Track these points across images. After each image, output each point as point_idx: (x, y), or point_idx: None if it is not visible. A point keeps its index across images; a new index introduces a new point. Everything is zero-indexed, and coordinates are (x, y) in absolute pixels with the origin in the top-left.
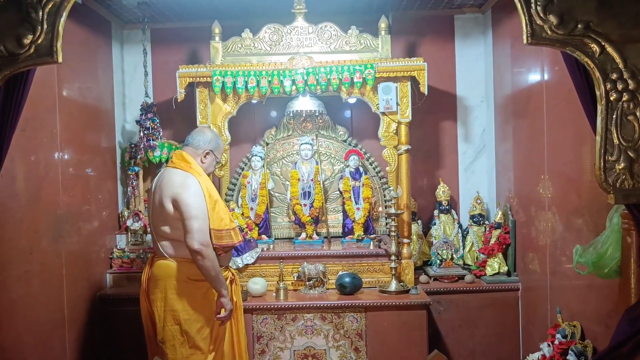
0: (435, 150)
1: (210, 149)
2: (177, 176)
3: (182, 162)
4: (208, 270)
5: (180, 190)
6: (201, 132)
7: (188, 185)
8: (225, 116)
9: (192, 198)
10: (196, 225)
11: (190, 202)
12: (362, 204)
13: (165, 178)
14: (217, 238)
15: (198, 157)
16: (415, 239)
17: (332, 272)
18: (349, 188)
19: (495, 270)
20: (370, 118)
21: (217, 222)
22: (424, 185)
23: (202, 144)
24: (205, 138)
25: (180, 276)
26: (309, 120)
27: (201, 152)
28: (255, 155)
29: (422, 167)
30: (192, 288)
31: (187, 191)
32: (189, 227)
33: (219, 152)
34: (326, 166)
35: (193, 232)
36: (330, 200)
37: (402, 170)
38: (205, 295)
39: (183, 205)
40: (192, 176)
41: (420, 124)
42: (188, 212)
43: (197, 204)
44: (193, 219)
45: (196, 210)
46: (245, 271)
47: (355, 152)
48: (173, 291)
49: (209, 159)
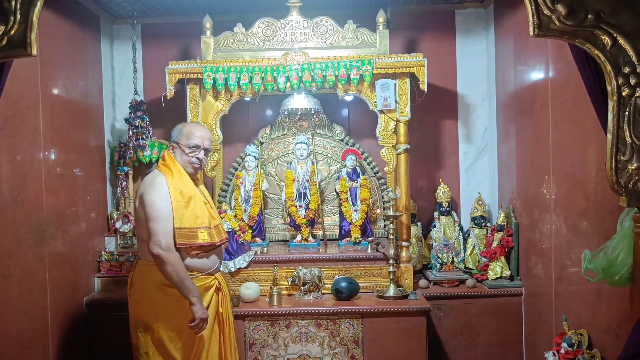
0: (436, 150)
1: (175, 141)
2: (149, 176)
3: (161, 161)
4: (170, 276)
5: (145, 190)
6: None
7: (153, 184)
8: (217, 114)
9: (154, 197)
10: (155, 227)
11: (152, 202)
12: (359, 206)
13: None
14: (189, 237)
15: (172, 154)
16: (415, 241)
17: (328, 277)
18: (346, 189)
19: (497, 275)
20: (368, 116)
21: (191, 220)
22: (423, 186)
23: (172, 138)
24: (173, 131)
25: (152, 281)
26: (304, 118)
27: (171, 148)
28: (249, 155)
29: (422, 168)
30: (164, 295)
31: (150, 191)
32: (149, 229)
33: (185, 137)
34: (322, 166)
35: (153, 234)
36: (327, 202)
37: (401, 171)
38: (178, 302)
39: (146, 206)
40: (160, 175)
41: (419, 123)
42: (149, 213)
43: (158, 204)
44: (153, 220)
45: (157, 210)
46: (238, 275)
47: (353, 151)
48: (145, 297)
49: (177, 152)
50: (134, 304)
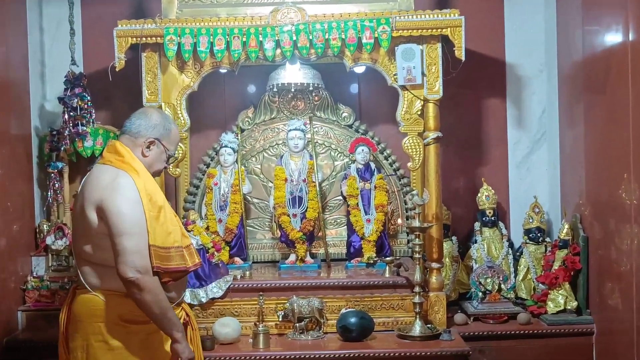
0: (477, 139)
1: (156, 137)
2: (105, 175)
3: (114, 155)
4: (150, 307)
5: (108, 195)
6: (143, 115)
7: (118, 187)
8: (182, 91)
9: (124, 205)
10: (130, 245)
11: (121, 212)
12: (374, 214)
13: (90, 178)
14: (162, 259)
15: (138, 149)
16: (449, 262)
17: (333, 310)
18: (356, 192)
19: (559, 307)
20: (386, 94)
21: (163, 237)
22: (460, 187)
23: (144, 129)
24: (149, 122)
25: (108, 317)
26: (300, 97)
27: (142, 141)
28: (226, 147)
29: (458, 163)
30: (126, 333)
31: (116, 195)
32: (119, 248)
33: (171, 141)
34: (324, 161)
35: (125, 254)
36: (330, 209)
37: (429, 167)
38: (145, 343)
39: (111, 216)
40: (125, 174)
41: (454, 103)
42: (118, 226)
43: (130, 214)
44: (125, 235)
45: (129, 222)
46: (211, 308)
47: (365, 141)
48: (99, 338)
49: (154, 150)
50: (81, 347)
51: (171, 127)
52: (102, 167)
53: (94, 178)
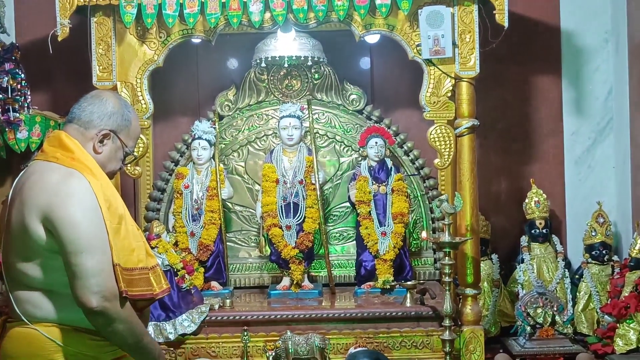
0: (523, 129)
1: (112, 129)
2: (51, 175)
3: (59, 150)
4: (123, 338)
5: (58, 201)
6: (97, 99)
7: (71, 191)
8: (144, 67)
9: (81, 215)
10: (91, 265)
11: (78, 223)
12: (391, 226)
13: (29, 180)
14: (128, 284)
15: (89, 143)
16: (488, 288)
17: (338, 349)
18: (367, 197)
19: (631, 345)
20: (405, 71)
21: (125, 255)
22: (502, 191)
23: (97, 119)
24: (104, 109)
25: (57, 353)
26: (295, 74)
27: (94, 133)
28: (200, 139)
29: (500, 160)
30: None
31: (70, 202)
32: (77, 269)
33: (130, 134)
34: (327, 157)
35: (86, 276)
36: (334, 219)
37: (463, 165)
38: None
39: (65, 229)
40: (78, 175)
41: (495, 82)
42: (75, 242)
43: (89, 225)
44: (84, 253)
45: (89, 236)
46: (181, 348)
47: (379, 131)
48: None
49: (108, 145)
50: None
51: (131, 117)
52: (44, 165)
53: (35, 179)
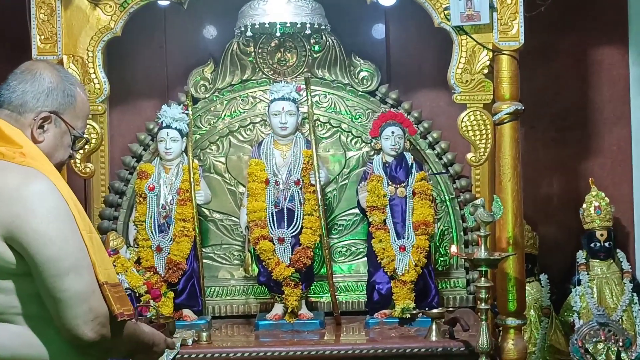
0: (580, 116)
1: (53, 109)
2: (5, 179)
3: (1, 144)
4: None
5: (23, 212)
6: (28, 75)
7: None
8: (97, 38)
9: (55, 226)
10: (81, 287)
11: (54, 237)
12: (412, 238)
13: None
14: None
15: (27, 131)
16: (535, 317)
17: None
18: (382, 201)
19: None
20: (430, 41)
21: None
22: (552, 194)
23: (32, 99)
24: (38, 86)
25: None
26: (290, 46)
27: (32, 117)
28: (168, 128)
29: (550, 155)
30: None
31: (39, 213)
32: (65, 294)
33: (77, 113)
34: (330, 151)
35: (78, 302)
36: (340, 230)
37: (503, 161)
38: None
39: (39, 247)
40: (39, 175)
41: (545, 56)
42: (56, 262)
43: (68, 238)
44: (70, 274)
45: (71, 253)
46: None
47: (397, 118)
48: None
49: (51, 131)
50: None
51: (75, 92)
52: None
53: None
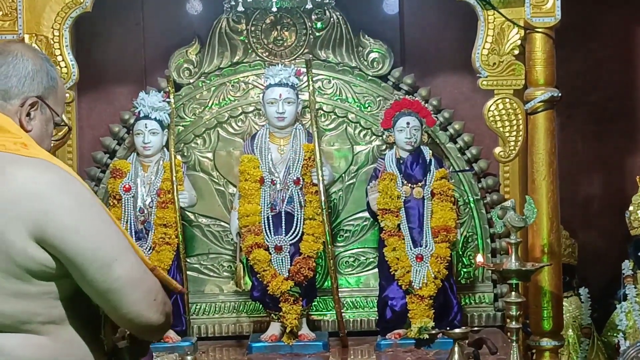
0: (626, 104)
1: (39, 94)
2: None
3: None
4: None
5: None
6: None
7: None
8: (64, 14)
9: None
10: (133, 270)
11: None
12: (431, 246)
13: None
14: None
15: (14, 119)
16: (574, 336)
17: None
18: (395, 203)
19: None
20: (451, 17)
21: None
22: (594, 195)
23: (17, 83)
24: (22, 69)
25: None
26: (288, 23)
27: (17, 104)
28: (147, 119)
29: (590, 148)
30: None
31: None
32: (119, 283)
33: (58, 97)
34: (335, 145)
35: (135, 286)
36: (347, 237)
37: (537, 157)
38: None
39: (78, 241)
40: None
41: (585, 36)
42: (98, 252)
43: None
44: (117, 260)
45: (110, 238)
46: None
47: (413, 106)
48: None
49: (37, 118)
50: None
51: (56, 74)
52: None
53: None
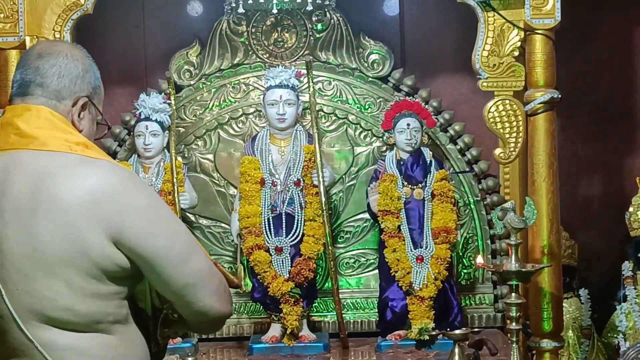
0: (625, 105)
1: (88, 94)
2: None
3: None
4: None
5: (123, 206)
6: (59, 57)
7: (132, 189)
8: (65, 15)
9: (165, 214)
10: (205, 264)
11: (166, 225)
12: (431, 248)
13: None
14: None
15: (68, 118)
16: (574, 337)
17: None
18: (396, 205)
19: None
20: (451, 19)
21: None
22: (593, 196)
23: (70, 84)
24: (73, 68)
25: None
26: (288, 24)
27: (69, 104)
28: (148, 120)
29: (590, 149)
30: None
31: (140, 203)
32: (196, 277)
33: (101, 97)
34: (335, 147)
35: (209, 279)
36: (347, 238)
37: (537, 158)
38: None
39: (157, 238)
40: (114, 166)
41: (583, 36)
42: (176, 248)
43: (176, 222)
44: (193, 255)
45: (184, 235)
46: None
47: (413, 107)
48: None
49: (86, 118)
50: None
51: (99, 74)
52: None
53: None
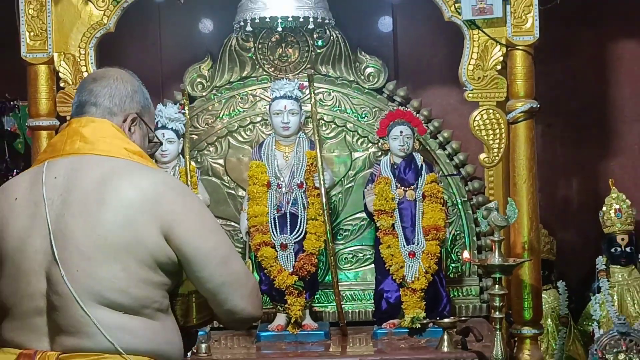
0: (599, 113)
1: (137, 111)
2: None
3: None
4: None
5: (176, 207)
6: (110, 81)
7: (183, 194)
8: (90, 34)
9: (209, 219)
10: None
11: (210, 227)
12: (422, 244)
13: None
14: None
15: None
16: (552, 327)
17: None
18: (390, 205)
19: None
20: (440, 36)
21: None
22: (570, 196)
23: (120, 102)
24: (123, 89)
25: None
26: (292, 41)
27: (120, 120)
28: (164, 128)
29: (567, 154)
30: None
31: (191, 207)
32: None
33: (151, 115)
34: (334, 152)
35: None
36: (346, 236)
37: (518, 162)
38: None
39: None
40: (164, 173)
41: (560, 51)
42: (218, 249)
43: (218, 226)
44: (231, 256)
45: (225, 237)
46: None
47: (405, 117)
48: None
49: (137, 133)
50: None
51: (148, 95)
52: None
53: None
